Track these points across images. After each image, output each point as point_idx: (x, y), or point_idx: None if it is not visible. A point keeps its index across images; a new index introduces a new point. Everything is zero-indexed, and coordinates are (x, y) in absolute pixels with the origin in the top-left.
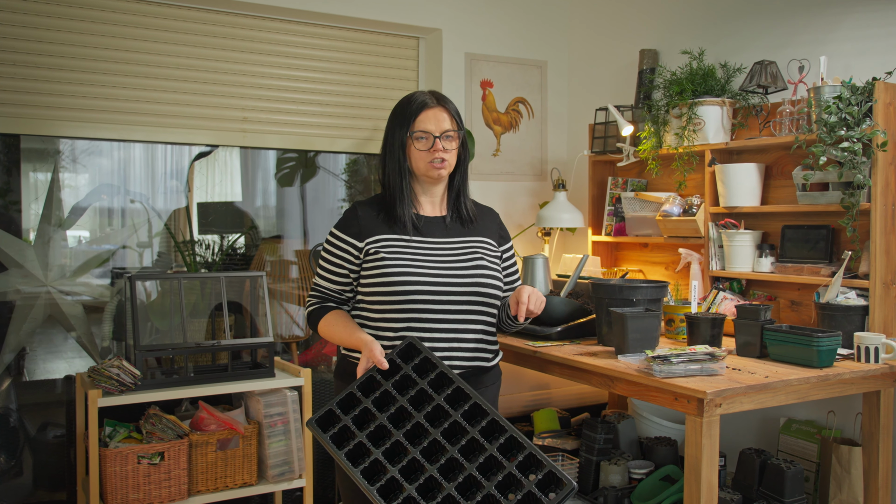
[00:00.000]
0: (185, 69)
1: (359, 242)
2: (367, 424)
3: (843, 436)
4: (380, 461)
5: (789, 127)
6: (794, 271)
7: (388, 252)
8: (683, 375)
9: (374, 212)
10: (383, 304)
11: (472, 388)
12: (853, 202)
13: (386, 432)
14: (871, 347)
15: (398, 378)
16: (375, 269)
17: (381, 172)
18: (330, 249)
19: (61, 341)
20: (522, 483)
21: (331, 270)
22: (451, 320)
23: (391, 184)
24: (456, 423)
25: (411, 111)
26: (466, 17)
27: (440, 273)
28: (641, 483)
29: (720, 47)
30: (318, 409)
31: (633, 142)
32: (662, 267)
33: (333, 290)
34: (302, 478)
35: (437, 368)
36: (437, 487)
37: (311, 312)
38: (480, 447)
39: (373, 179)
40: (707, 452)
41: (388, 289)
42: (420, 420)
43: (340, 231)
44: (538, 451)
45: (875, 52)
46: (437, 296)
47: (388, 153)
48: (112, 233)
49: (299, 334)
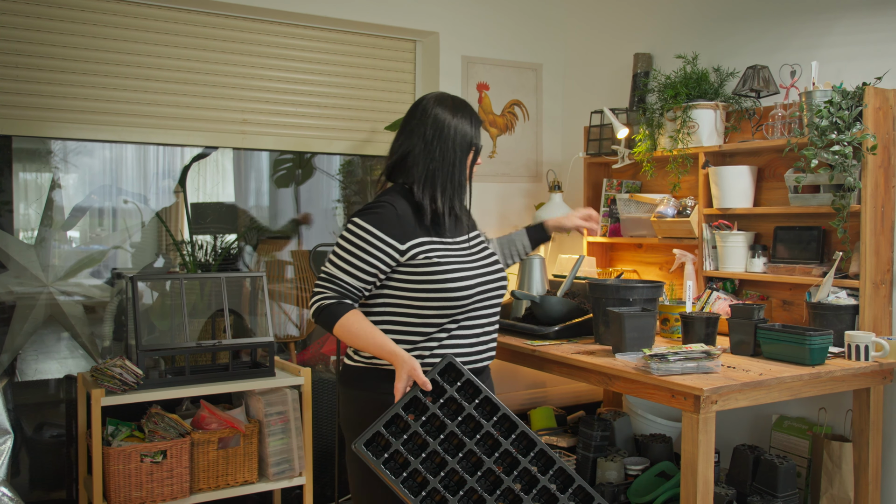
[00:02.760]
0: (183, 71)
1: (400, 245)
2: (412, 447)
3: (833, 432)
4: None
5: (781, 130)
6: (786, 271)
7: (439, 256)
8: (680, 373)
9: (408, 211)
10: (436, 309)
11: (518, 418)
12: (844, 204)
13: (434, 456)
14: (861, 346)
15: (443, 401)
16: (428, 275)
17: (423, 172)
18: (362, 246)
19: (54, 342)
20: None
21: (359, 267)
22: (487, 315)
23: (449, 188)
24: (507, 451)
25: (479, 125)
26: (463, 20)
27: (479, 272)
28: (637, 479)
29: (714, 51)
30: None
31: (628, 144)
32: (657, 267)
33: (356, 287)
34: (302, 476)
35: (479, 392)
36: None
37: (326, 308)
38: (531, 477)
39: (368, 181)
40: (703, 448)
41: (447, 295)
42: (473, 448)
43: (378, 230)
44: (593, 490)
45: (865, 57)
46: (482, 294)
47: (452, 158)
48: (112, 233)
49: (295, 334)
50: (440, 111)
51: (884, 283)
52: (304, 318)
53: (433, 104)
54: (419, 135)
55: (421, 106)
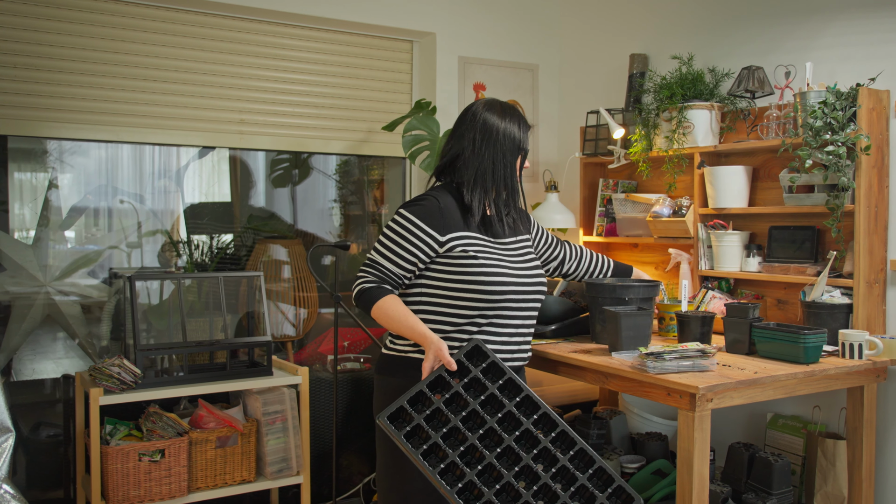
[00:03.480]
0: (181, 71)
1: (440, 236)
2: (435, 424)
3: (828, 430)
4: (456, 463)
5: (776, 131)
6: (781, 271)
7: (477, 251)
8: (676, 371)
9: (453, 206)
10: (467, 301)
11: (539, 399)
12: (838, 204)
13: (456, 433)
14: (854, 344)
15: (467, 381)
16: (464, 267)
17: (474, 171)
18: (404, 234)
19: (49, 342)
20: (595, 496)
21: (400, 255)
22: (523, 317)
23: (498, 186)
24: (527, 430)
25: (527, 129)
26: (460, 20)
27: (518, 272)
28: (634, 477)
29: (709, 52)
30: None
31: (624, 144)
32: (653, 267)
33: (396, 274)
34: (299, 474)
35: (503, 373)
36: (510, 492)
37: (366, 290)
38: (550, 455)
39: (365, 181)
40: (699, 446)
41: (479, 287)
42: (493, 426)
43: (420, 220)
44: (607, 465)
45: (858, 58)
46: (517, 294)
47: (502, 158)
48: (108, 233)
49: (292, 333)
50: (489, 116)
51: (877, 282)
52: (301, 318)
53: (482, 109)
54: (469, 139)
55: (471, 111)
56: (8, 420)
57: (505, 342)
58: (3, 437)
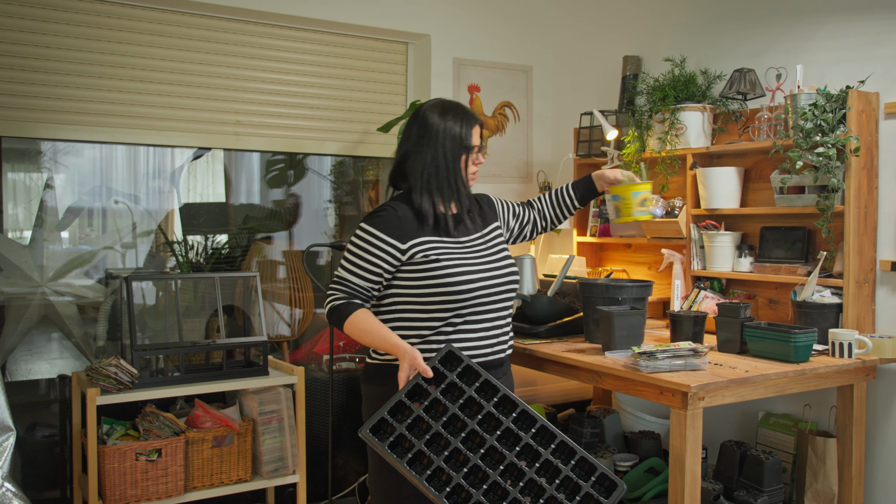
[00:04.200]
0: (177, 73)
1: (401, 244)
2: (417, 432)
3: (818, 428)
4: (442, 468)
5: (767, 132)
6: (772, 271)
7: (438, 254)
8: (668, 370)
9: (410, 214)
10: (437, 304)
11: (517, 397)
12: (828, 205)
13: (438, 439)
14: (844, 343)
15: (444, 386)
16: (427, 272)
17: (419, 177)
18: (365, 248)
19: (43, 342)
20: (580, 486)
21: (364, 268)
22: (497, 309)
23: (444, 190)
24: (508, 428)
25: (469, 125)
26: (454, 22)
27: (483, 268)
28: (627, 475)
29: (701, 55)
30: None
31: (618, 145)
32: (646, 267)
33: (363, 287)
34: (295, 473)
35: (478, 376)
36: (497, 490)
37: (337, 308)
38: (533, 451)
39: (360, 181)
40: (691, 444)
41: (445, 289)
42: (475, 427)
43: (380, 231)
44: (589, 455)
45: (848, 61)
46: (486, 289)
47: (444, 161)
48: (103, 234)
49: (287, 334)
50: (429, 115)
51: (867, 282)
52: (296, 318)
53: (424, 109)
54: (412, 141)
55: (415, 113)
56: (9, 419)
57: (483, 338)
58: (3, 436)
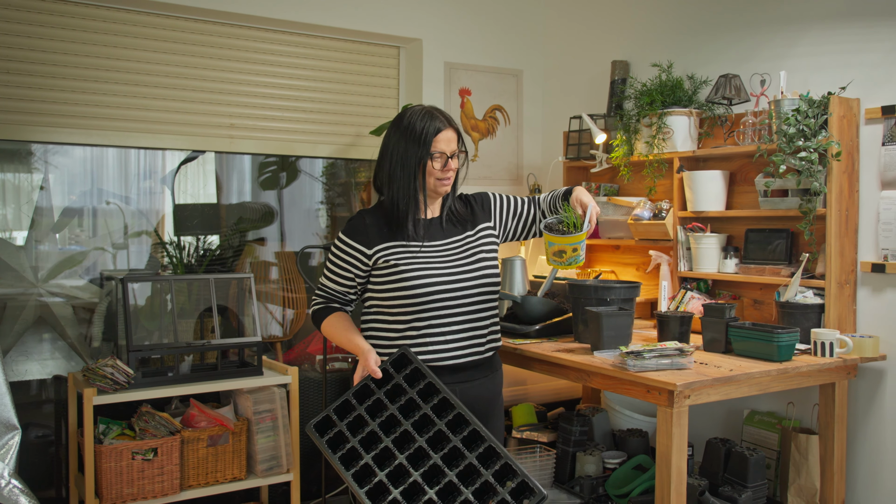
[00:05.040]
0: (172, 77)
1: (367, 250)
2: (360, 430)
3: (801, 425)
4: (370, 465)
5: (752, 137)
6: (757, 272)
7: (398, 259)
8: (655, 369)
9: (380, 220)
10: (400, 308)
11: (457, 400)
12: (810, 208)
13: (376, 438)
14: (826, 343)
15: (390, 387)
16: (389, 276)
17: (384, 184)
18: (338, 254)
19: (35, 343)
20: (497, 490)
21: (337, 273)
22: (466, 313)
23: (401, 197)
24: (440, 430)
25: (429, 133)
26: (446, 27)
27: (448, 272)
28: (615, 472)
29: (688, 60)
30: (314, 412)
31: (606, 149)
32: (633, 268)
33: (338, 292)
34: (289, 472)
35: (426, 378)
36: (420, 492)
37: (316, 311)
38: (462, 455)
39: (352, 183)
40: (677, 441)
41: (405, 293)
42: (408, 428)
43: (349, 238)
44: (513, 460)
45: (830, 67)
46: (449, 293)
47: (401, 169)
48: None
49: (279, 334)
50: (394, 123)
51: (848, 283)
52: (289, 319)
53: (396, 117)
54: (382, 150)
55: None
56: (14, 418)
57: (450, 341)
58: (9, 435)
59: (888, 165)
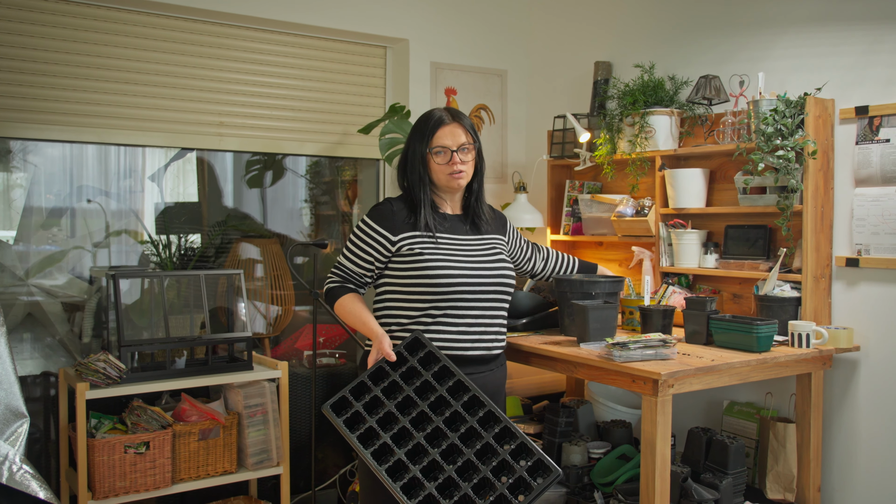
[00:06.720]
0: (161, 75)
1: (392, 236)
2: (376, 411)
3: (779, 415)
4: (388, 445)
5: (731, 136)
6: (736, 267)
7: (423, 248)
8: (640, 360)
9: (405, 209)
10: (418, 295)
11: (471, 382)
12: (787, 204)
13: (393, 418)
14: (803, 334)
15: (405, 369)
16: (412, 264)
17: (403, 176)
18: (361, 237)
19: (16, 342)
20: (514, 468)
21: (358, 255)
22: (481, 308)
23: (413, 189)
24: (456, 412)
25: (430, 128)
26: (432, 27)
27: (471, 267)
28: (600, 462)
29: (669, 62)
30: (303, 407)
31: (590, 148)
32: (617, 264)
33: (356, 273)
34: (279, 465)
35: (440, 362)
36: (439, 469)
37: (331, 289)
38: (478, 435)
39: (338, 181)
40: (661, 429)
41: (426, 282)
42: (424, 409)
43: (375, 222)
44: (529, 440)
45: (807, 69)
46: (469, 286)
47: (410, 165)
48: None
49: (264, 331)
50: (410, 135)
51: (823, 277)
52: (276, 315)
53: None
54: (405, 148)
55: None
56: (23, 406)
57: (463, 332)
58: (18, 422)
59: (861, 164)
